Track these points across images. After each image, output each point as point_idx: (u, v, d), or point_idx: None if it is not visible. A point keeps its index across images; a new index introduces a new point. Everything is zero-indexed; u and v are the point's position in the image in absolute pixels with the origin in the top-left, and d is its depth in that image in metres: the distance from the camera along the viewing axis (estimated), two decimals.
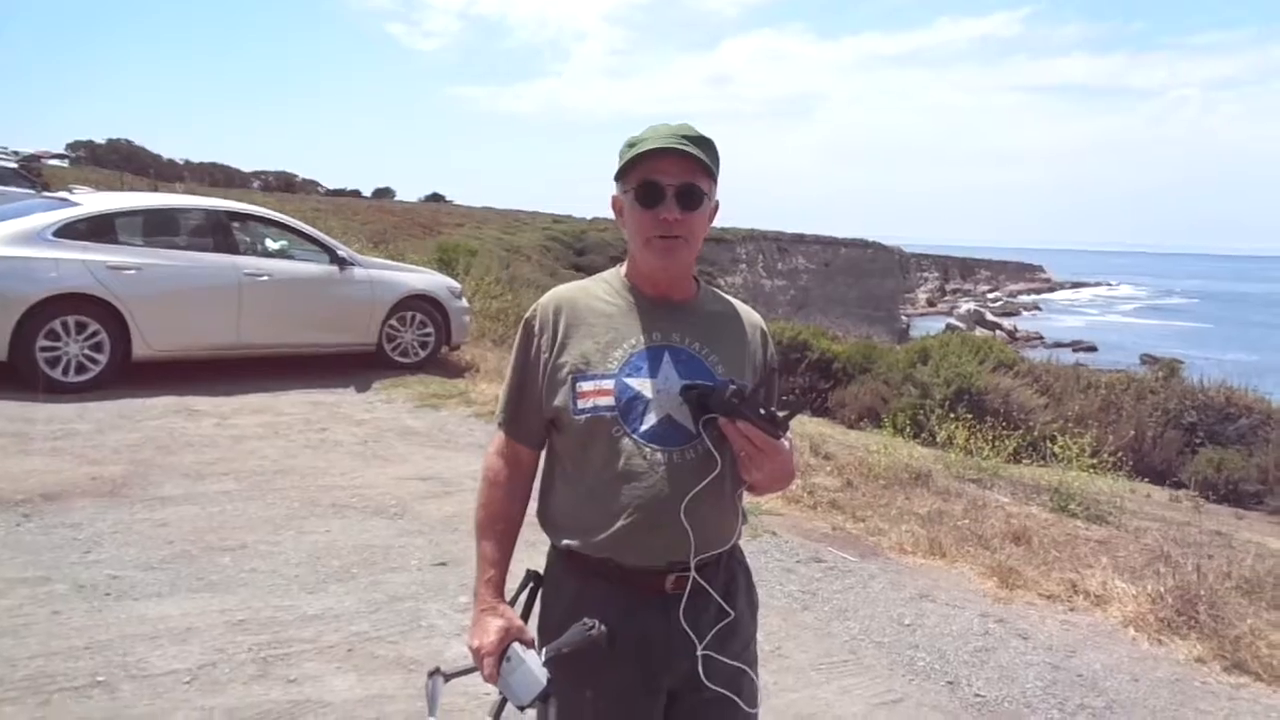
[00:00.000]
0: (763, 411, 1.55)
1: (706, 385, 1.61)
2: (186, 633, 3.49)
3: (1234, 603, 4.25)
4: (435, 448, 6.50)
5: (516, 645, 1.63)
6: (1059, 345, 49.29)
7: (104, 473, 5.31)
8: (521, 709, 1.58)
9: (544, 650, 1.61)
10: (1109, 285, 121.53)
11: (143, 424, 6.42)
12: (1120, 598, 4.39)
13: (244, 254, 8.04)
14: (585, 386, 1.66)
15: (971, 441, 8.05)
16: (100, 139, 56.53)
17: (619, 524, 1.62)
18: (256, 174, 64.90)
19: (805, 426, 9.09)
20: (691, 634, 1.63)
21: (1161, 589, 4.33)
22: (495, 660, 1.62)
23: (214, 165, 61.90)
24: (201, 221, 8.10)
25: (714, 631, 1.66)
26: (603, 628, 1.57)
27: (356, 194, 65.18)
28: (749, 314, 1.85)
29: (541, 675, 1.56)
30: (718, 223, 1.84)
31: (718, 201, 1.73)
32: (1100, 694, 3.56)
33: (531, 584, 1.77)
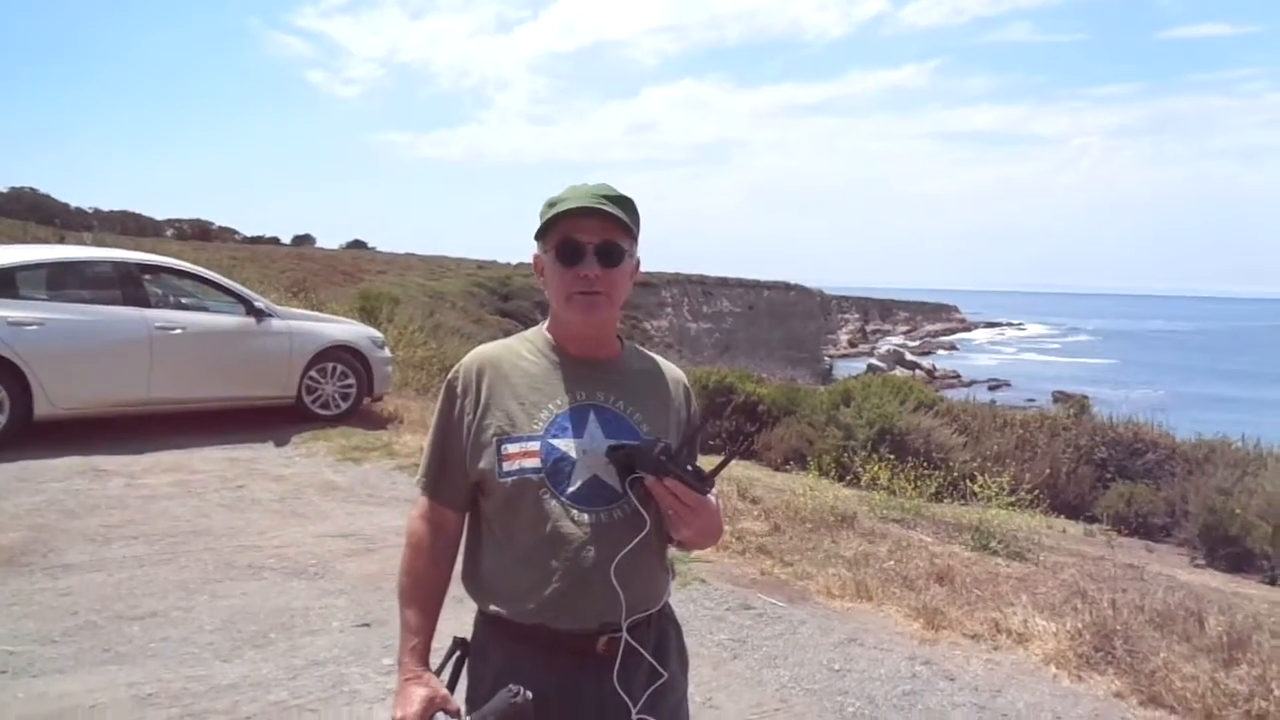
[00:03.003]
0: (689, 468, 1.56)
1: (633, 445, 1.61)
2: (91, 710, 3.31)
3: (1148, 636, 4.37)
4: (357, 503, 6.34)
5: (441, 715, 1.60)
6: (975, 383, 50.82)
7: (0, 540, 5.04)
8: None
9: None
10: (1019, 325, 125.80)
11: (45, 486, 6.12)
12: (1041, 635, 4.49)
13: (155, 307, 7.81)
14: (511, 449, 1.64)
15: (894, 482, 8.19)
16: (2, 187, 54.49)
17: (549, 589, 1.60)
18: (170, 222, 63.11)
19: (732, 470, 9.13)
20: (626, 698, 1.60)
21: (1079, 625, 4.44)
22: None
23: (125, 214, 60.01)
24: (110, 273, 7.83)
25: (647, 694, 1.64)
26: (528, 695, 1.53)
27: (275, 241, 63.89)
28: (672, 370, 1.86)
29: None
30: (643, 267, 1.86)
31: (638, 259, 1.75)
32: None
33: (458, 652, 1.73)
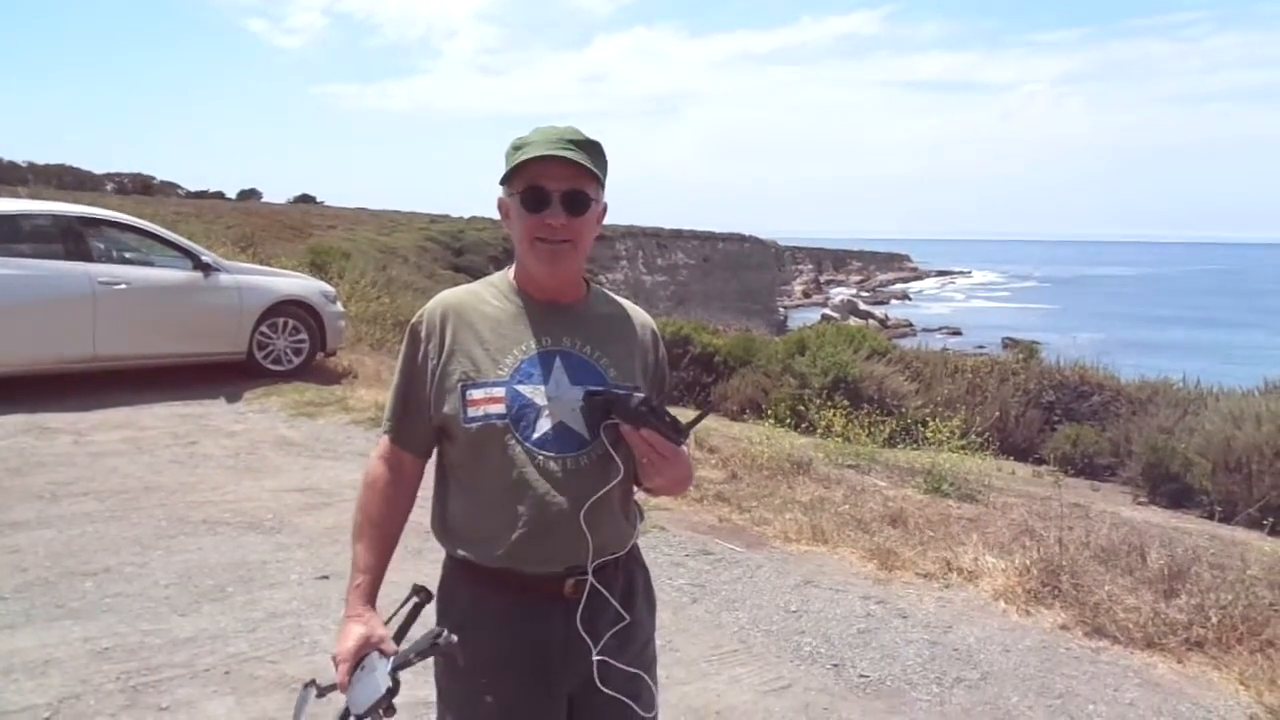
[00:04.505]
0: (667, 419, 1.56)
1: (613, 392, 1.60)
2: (45, 665, 3.27)
3: (1093, 571, 4.51)
4: (313, 457, 6.29)
5: (374, 654, 1.59)
6: (928, 331, 51.55)
7: None
8: (359, 719, 1.52)
9: (392, 659, 1.58)
10: (967, 273, 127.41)
11: None
12: (991, 572, 4.61)
13: (98, 261, 7.60)
14: (476, 394, 1.63)
15: (849, 429, 8.31)
16: None
17: (515, 534, 1.60)
18: (110, 176, 60.97)
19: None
20: (588, 639, 1.61)
21: (1028, 562, 4.58)
22: (349, 668, 1.59)
23: (62, 167, 57.81)
24: (49, 227, 7.60)
25: (610, 635, 1.65)
26: (452, 638, 1.54)
27: (220, 196, 62.08)
28: (640, 315, 1.84)
29: (382, 684, 1.52)
30: None
31: (605, 204, 1.72)
32: (975, 666, 3.73)
33: (415, 599, 1.72)
